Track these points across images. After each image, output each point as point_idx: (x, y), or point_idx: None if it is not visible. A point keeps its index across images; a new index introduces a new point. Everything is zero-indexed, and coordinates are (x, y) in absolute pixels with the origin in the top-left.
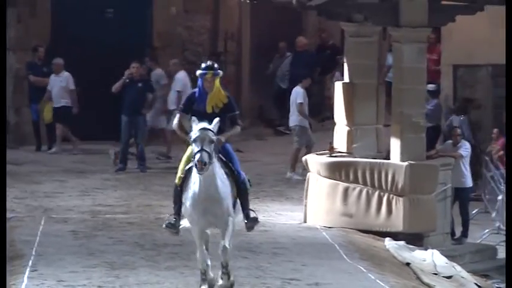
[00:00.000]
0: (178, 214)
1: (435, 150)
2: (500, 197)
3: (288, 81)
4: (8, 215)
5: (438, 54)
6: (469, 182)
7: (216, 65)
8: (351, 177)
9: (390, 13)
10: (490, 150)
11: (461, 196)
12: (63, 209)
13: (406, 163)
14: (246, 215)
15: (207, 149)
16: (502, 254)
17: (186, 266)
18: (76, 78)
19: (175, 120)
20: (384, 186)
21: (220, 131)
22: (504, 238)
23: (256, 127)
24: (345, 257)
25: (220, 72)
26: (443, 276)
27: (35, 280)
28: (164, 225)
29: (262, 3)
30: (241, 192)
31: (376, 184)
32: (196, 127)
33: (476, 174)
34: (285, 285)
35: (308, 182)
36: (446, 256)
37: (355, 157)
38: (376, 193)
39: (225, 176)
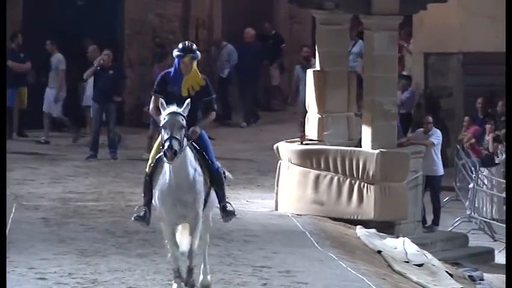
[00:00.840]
0: (148, 206)
1: (406, 138)
2: (471, 185)
3: (227, 71)
4: None
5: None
6: (440, 170)
7: (194, 47)
8: (322, 165)
9: (361, 1)
10: (461, 138)
11: (432, 184)
12: (34, 196)
13: (377, 151)
14: (223, 208)
15: (177, 136)
16: (473, 242)
17: (156, 254)
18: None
19: (151, 104)
20: (354, 174)
21: (196, 116)
22: (475, 226)
23: None
24: (316, 244)
25: (199, 54)
26: (414, 264)
27: (7, 267)
28: (133, 218)
29: None
30: (216, 183)
31: (347, 172)
32: (165, 111)
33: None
34: (256, 273)
35: (279, 169)
36: (417, 244)
37: (326, 145)
38: (347, 181)
39: (197, 165)
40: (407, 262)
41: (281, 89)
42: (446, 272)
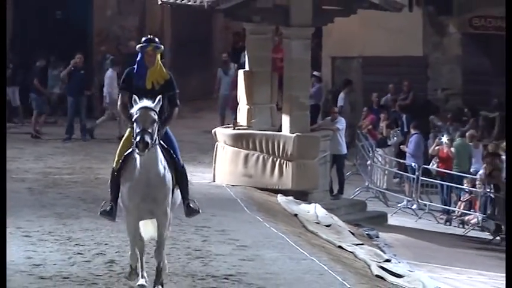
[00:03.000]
0: (114, 201)
1: (318, 124)
2: (368, 162)
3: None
4: None
5: (283, 54)
6: (344, 150)
7: (157, 39)
8: (250, 145)
9: (282, 15)
10: (361, 124)
11: (338, 161)
12: (21, 170)
13: (294, 135)
14: (187, 205)
15: (149, 130)
16: (370, 207)
17: (119, 216)
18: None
19: (119, 101)
20: (276, 153)
21: (162, 109)
22: (372, 195)
23: None
24: (245, 209)
25: (162, 46)
26: (324, 225)
27: None
28: (99, 213)
29: (180, 6)
30: (181, 180)
31: (270, 151)
32: (137, 106)
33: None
34: (198, 231)
35: (216, 149)
36: (326, 209)
37: (254, 130)
38: (270, 158)
39: (165, 162)
40: (318, 223)
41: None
42: (349, 231)
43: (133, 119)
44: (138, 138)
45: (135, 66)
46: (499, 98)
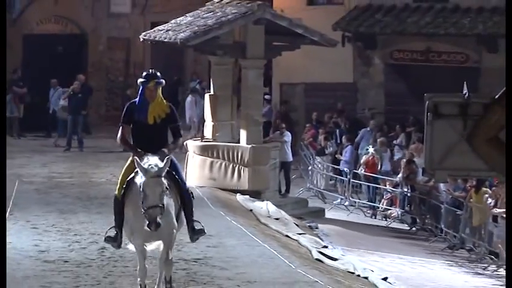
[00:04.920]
0: (119, 228)
1: (269, 137)
2: (310, 168)
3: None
4: None
5: None
6: (290, 158)
7: (158, 74)
8: (215, 154)
9: (240, 50)
10: (303, 137)
11: (285, 167)
12: (30, 175)
13: (250, 146)
14: (192, 228)
15: (159, 204)
16: (311, 204)
17: (109, 212)
18: (39, 90)
19: (119, 134)
20: (235, 161)
21: (165, 141)
22: (312, 194)
23: None
24: (211, 206)
25: (163, 81)
26: (274, 218)
27: (12, 220)
28: (104, 239)
29: (158, 43)
30: (185, 202)
31: (231, 159)
32: (144, 171)
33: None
34: None
35: (187, 158)
36: (275, 205)
37: (217, 142)
38: (231, 165)
39: (169, 186)
40: (269, 217)
41: None
42: (294, 223)
43: (141, 188)
44: (149, 219)
45: (137, 100)
46: (415, 116)
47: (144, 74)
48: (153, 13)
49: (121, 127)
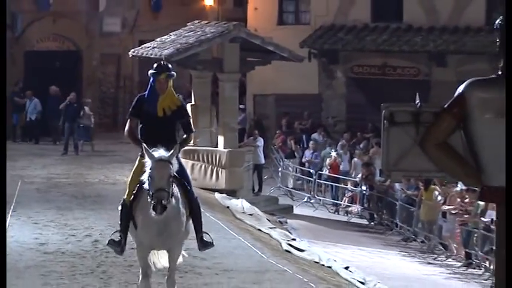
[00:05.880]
0: (124, 232)
1: (243, 142)
2: (280, 169)
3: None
4: None
5: None
6: (262, 160)
7: (170, 66)
8: (195, 158)
9: (218, 65)
10: (274, 142)
11: (258, 168)
12: (31, 176)
13: (226, 150)
14: (201, 239)
15: (166, 188)
16: (281, 201)
17: (101, 208)
18: (40, 101)
19: (126, 126)
20: (214, 163)
21: (174, 136)
22: (282, 193)
23: None
24: None
25: (174, 74)
26: (248, 214)
27: (15, 217)
28: (107, 242)
29: (145, 58)
30: (194, 212)
31: (210, 162)
32: (152, 158)
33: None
34: None
35: None
36: (249, 202)
37: (198, 146)
38: (210, 167)
39: (179, 194)
40: (244, 213)
41: None
42: (266, 218)
43: (148, 174)
44: (155, 201)
45: (146, 92)
46: (373, 123)
47: (155, 65)
48: (141, 32)
49: (129, 120)
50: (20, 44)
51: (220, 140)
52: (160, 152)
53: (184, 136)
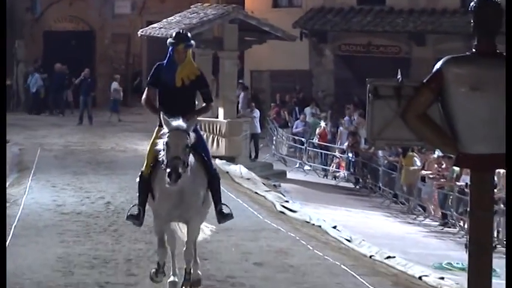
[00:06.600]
0: (142, 205)
1: (241, 113)
2: (274, 138)
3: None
4: (20, 147)
5: None
6: (259, 130)
7: (189, 35)
8: (198, 127)
9: (218, 44)
10: (269, 113)
11: (254, 137)
12: (49, 144)
13: (226, 120)
14: (220, 211)
15: (181, 157)
16: (275, 167)
17: (113, 173)
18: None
19: (144, 95)
20: (215, 132)
21: (192, 106)
22: (276, 159)
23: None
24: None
25: (193, 43)
26: (246, 178)
27: (34, 181)
28: (126, 217)
29: (153, 37)
30: (212, 183)
31: (211, 131)
32: (168, 127)
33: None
34: None
35: None
36: (247, 168)
37: (200, 117)
38: (211, 136)
39: (197, 165)
40: (242, 177)
41: None
42: (262, 182)
43: (164, 142)
44: (170, 169)
45: (165, 61)
46: (358, 97)
47: (174, 34)
48: (149, 14)
49: (146, 88)
50: (39, 24)
51: (221, 111)
52: (178, 122)
53: (204, 105)
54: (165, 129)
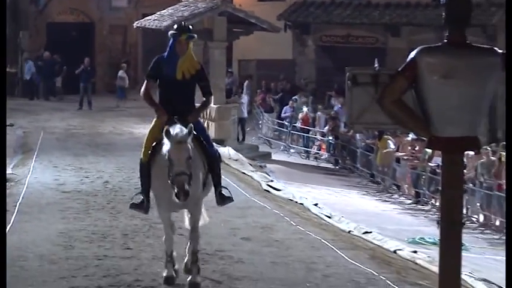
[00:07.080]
0: (146, 194)
1: (231, 99)
2: (260, 122)
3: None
4: (24, 130)
5: None
6: (245, 114)
7: (190, 27)
8: None
9: (208, 34)
10: (255, 99)
11: (242, 121)
12: (52, 127)
13: (216, 106)
14: (219, 194)
15: (186, 172)
16: (261, 149)
17: (111, 155)
18: (59, 65)
19: (143, 87)
20: (205, 117)
21: (192, 100)
22: (262, 141)
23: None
24: None
25: (195, 35)
26: (234, 159)
27: (38, 162)
28: (129, 206)
29: (148, 29)
30: (212, 167)
31: (202, 116)
32: (170, 137)
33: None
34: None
35: None
36: (235, 150)
37: None
38: (202, 120)
39: (195, 151)
40: (230, 158)
41: None
42: (249, 163)
43: (167, 155)
44: (177, 187)
45: (165, 54)
46: (338, 84)
47: (176, 26)
48: (144, 7)
49: (146, 81)
50: (43, 16)
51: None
52: (176, 130)
53: (204, 99)
54: (167, 141)
